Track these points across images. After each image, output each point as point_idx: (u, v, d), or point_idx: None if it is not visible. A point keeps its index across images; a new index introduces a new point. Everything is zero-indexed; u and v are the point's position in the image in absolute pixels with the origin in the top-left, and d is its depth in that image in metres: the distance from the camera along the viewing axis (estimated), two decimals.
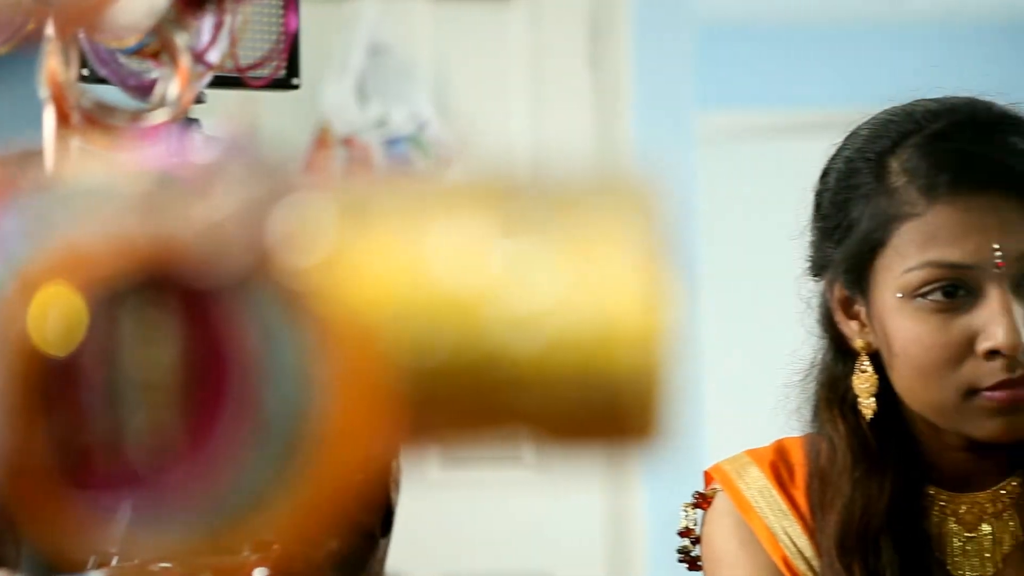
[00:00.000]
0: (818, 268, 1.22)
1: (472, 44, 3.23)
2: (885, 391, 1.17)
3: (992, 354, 1.10)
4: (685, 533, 1.27)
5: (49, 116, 0.66)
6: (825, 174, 1.22)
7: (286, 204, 0.34)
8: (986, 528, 1.18)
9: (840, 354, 1.21)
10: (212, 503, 0.33)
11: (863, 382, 1.18)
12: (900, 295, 1.13)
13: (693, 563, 1.27)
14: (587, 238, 0.34)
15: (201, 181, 0.34)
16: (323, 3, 3.00)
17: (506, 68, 3.25)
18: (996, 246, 1.10)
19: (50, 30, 0.62)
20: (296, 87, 1.19)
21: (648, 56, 3.36)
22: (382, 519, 1.03)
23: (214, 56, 0.76)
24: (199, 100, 1.04)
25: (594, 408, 0.34)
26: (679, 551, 1.27)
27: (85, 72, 0.82)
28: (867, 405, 1.17)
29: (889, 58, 5.09)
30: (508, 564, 3.22)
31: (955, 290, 1.12)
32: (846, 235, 1.17)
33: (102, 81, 0.88)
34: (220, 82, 0.99)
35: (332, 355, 0.33)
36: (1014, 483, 1.18)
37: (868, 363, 1.18)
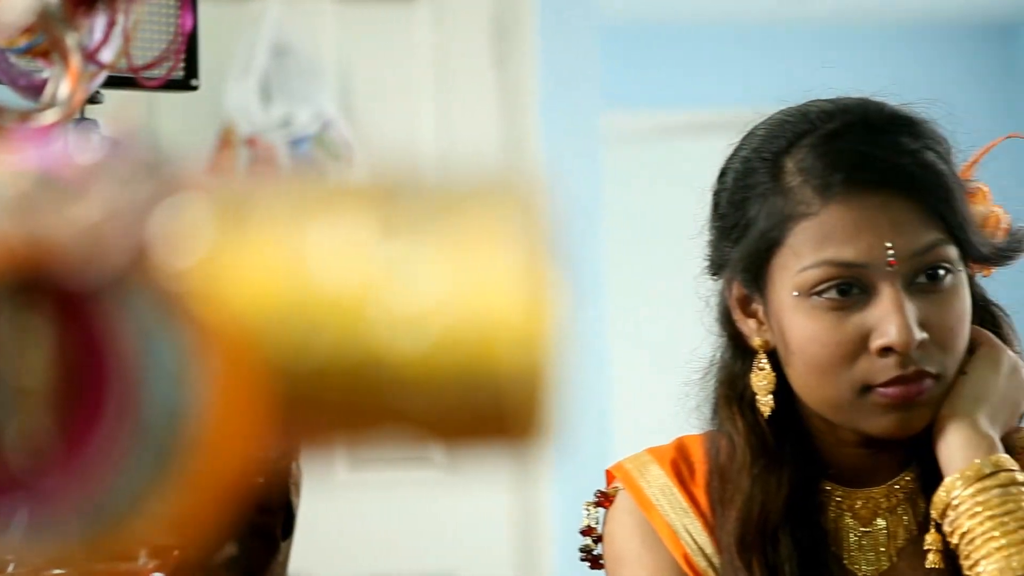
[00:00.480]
0: (716, 267, 1.23)
1: (376, 44, 3.22)
2: (783, 388, 1.19)
3: (885, 351, 1.12)
4: (587, 532, 1.27)
5: None
6: (723, 174, 1.23)
7: (165, 205, 0.33)
8: (881, 523, 1.20)
9: (738, 352, 1.23)
10: (92, 507, 0.33)
11: (761, 380, 1.19)
12: (796, 293, 1.14)
13: (595, 561, 1.27)
14: (470, 238, 0.34)
15: (80, 181, 0.34)
16: (226, 3, 2.97)
17: (411, 68, 3.24)
18: (889, 245, 1.12)
19: None
20: (195, 88, 1.18)
21: (553, 56, 3.37)
22: (283, 522, 1.02)
23: (107, 55, 0.75)
24: (95, 100, 1.02)
25: (478, 408, 0.34)
26: (581, 550, 1.28)
27: None
28: (765, 402, 1.19)
29: (788, 58, 5.16)
30: (416, 565, 3.21)
31: (849, 288, 1.13)
32: (743, 234, 1.18)
33: None
34: (115, 82, 0.98)
35: (211, 357, 0.33)
36: (907, 478, 1.20)
37: (766, 361, 1.19)
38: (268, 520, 0.99)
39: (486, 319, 0.34)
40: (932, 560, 1.14)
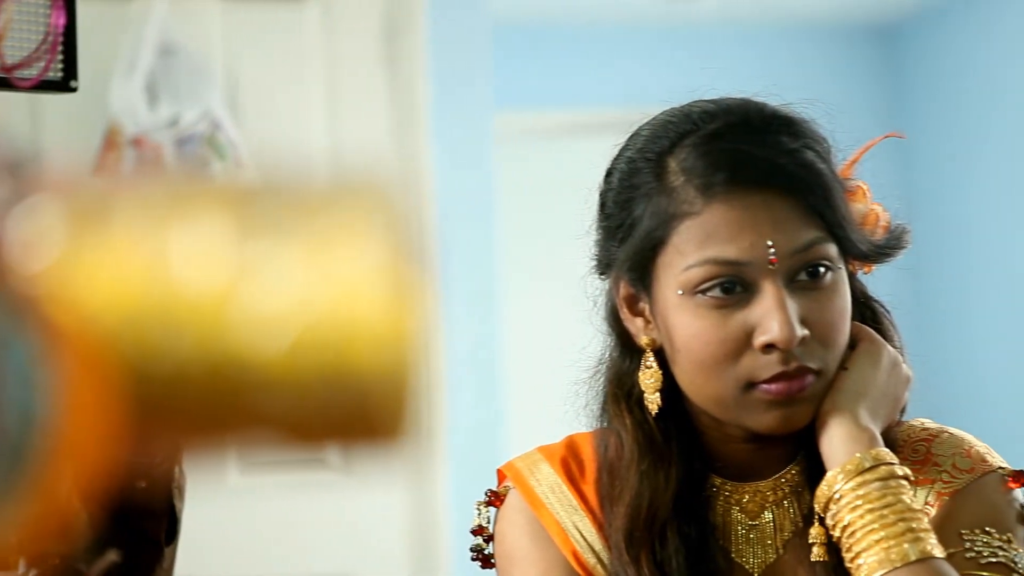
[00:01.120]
0: (603, 266, 1.24)
1: (265, 43, 3.19)
2: (670, 386, 1.20)
3: (768, 348, 1.13)
4: (478, 531, 1.28)
5: None
6: (608, 174, 1.24)
7: (19, 207, 0.33)
8: (768, 516, 1.22)
9: (626, 350, 1.24)
10: None
11: (648, 378, 1.20)
12: (681, 292, 1.15)
13: (486, 561, 1.28)
14: (331, 239, 0.34)
15: None
16: (109, 2, 2.93)
17: (300, 68, 3.21)
18: (770, 243, 1.13)
19: None
20: (74, 89, 1.15)
21: (444, 57, 3.36)
22: (166, 527, 1.01)
23: None
24: None
25: (343, 409, 0.34)
26: (472, 549, 1.28)
27: None
28: (652, 400, 1.20)
29: (675, 59, 5.22)
30: (312, 567, 3.19)
31: (733, 286, 1.14)
32: (629, 234, 1.19)
33: None
34: None
35: (65, 361, 0.32)
36: (793, 471, 1.22)
37: (653, 359, 1.20)
38: (151, 525, 0.98)
39: (349, 319, 0.34)
40: (817, 553, 1.16)
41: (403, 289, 0.34)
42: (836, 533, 1.12)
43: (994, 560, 1.13)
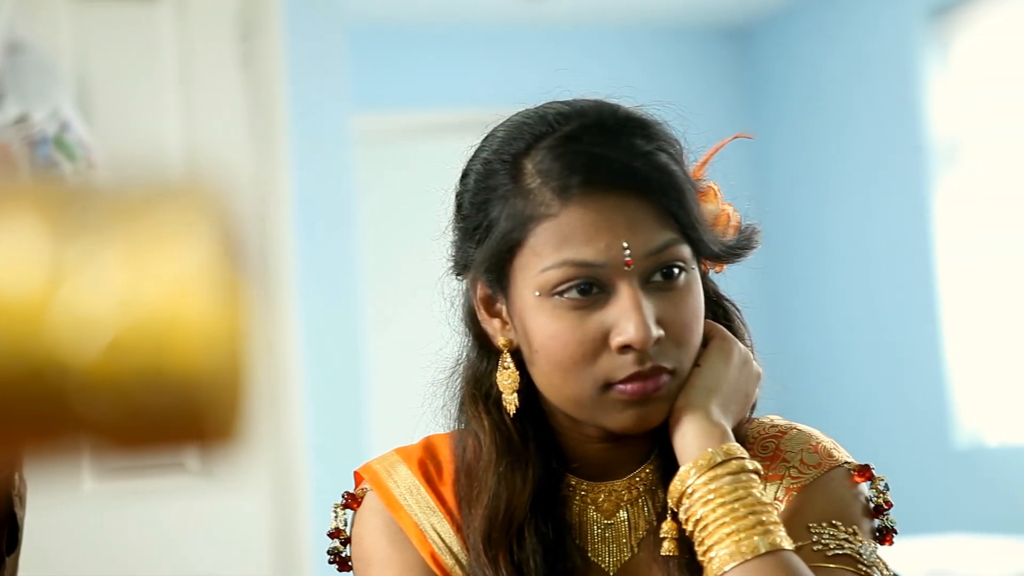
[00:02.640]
0: (461, 267, 1.24)
1: (117, 43, 3.13)
2: (527, 387, 1.20)
3: (624, 349, 1.14)
4: (335, 534, 1.27)
5: None
6: (464, 175, 1.24)
7: None
8: (623, 515, 1.23)
9: (483, 351, 1.24)
10: None
11: (506, 378, 1.20)
12: (538, 293, 1.16)
13: (343, 563, 1.27)
14: (152, 239, 0.33)
15: None
16: None
17: (154, 68, 3.16)
18: (625, 244, 1.14)
19: None
20: None
21: (300, 57, 3.34)
22: (6, 536, 0.98)
23: None
24: None
25: (167, 412, 0.33)
26: (329, 552, 1.27)
27: None
28: (510, 401, 1.20)
29: (531, 59, 5.25)
30: (172, 571, 3.15)
31: (589, 288, 1.15)
32: (486, 235, 1.19)
33: None
34: None
35: None
36: (648, 470, 1.23)
37: (510, 360, 1.20)
38: None
39: (172, 321, 0.33)
40: (667, 548, 1.17)
41: (232, 290, 0.33)
42: (689, 527, 1.14)
43: (840, 552, 1.15)
